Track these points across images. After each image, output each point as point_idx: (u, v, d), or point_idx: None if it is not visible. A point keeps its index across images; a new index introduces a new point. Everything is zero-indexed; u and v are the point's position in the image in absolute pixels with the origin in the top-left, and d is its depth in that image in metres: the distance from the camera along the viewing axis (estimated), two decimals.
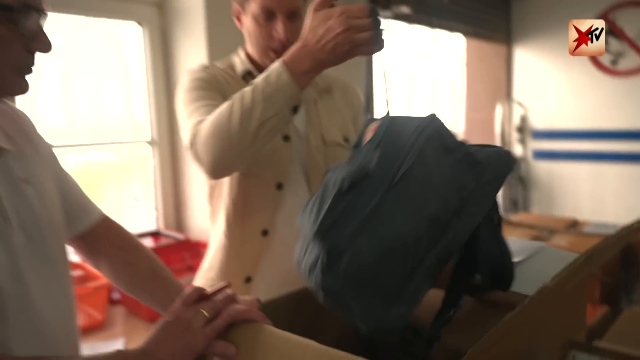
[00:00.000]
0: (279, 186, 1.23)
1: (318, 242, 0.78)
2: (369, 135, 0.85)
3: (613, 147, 4.20)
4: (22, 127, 0.89)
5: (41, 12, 0.76)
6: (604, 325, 1.19)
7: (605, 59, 4.13)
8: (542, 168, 4.60)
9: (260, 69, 1.21)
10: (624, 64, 4.07)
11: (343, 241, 0.76)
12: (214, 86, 1.19)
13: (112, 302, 2.14)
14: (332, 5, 0.98)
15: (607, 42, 4.11)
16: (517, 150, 4.69)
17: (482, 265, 0.88)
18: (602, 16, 4.08)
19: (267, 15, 1.17)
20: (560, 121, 4.43)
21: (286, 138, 1.23)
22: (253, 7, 1.18)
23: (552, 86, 4.44)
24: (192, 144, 1.08)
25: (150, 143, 2.48)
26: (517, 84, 4.66)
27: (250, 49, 1.26)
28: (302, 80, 1.01)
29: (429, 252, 0.75)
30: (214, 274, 1.31)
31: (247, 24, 1.22)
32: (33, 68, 0.78)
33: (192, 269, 2.14)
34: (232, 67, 1.27)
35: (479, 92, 4.64)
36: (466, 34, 4.16)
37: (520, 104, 4.62)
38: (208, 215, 1.42)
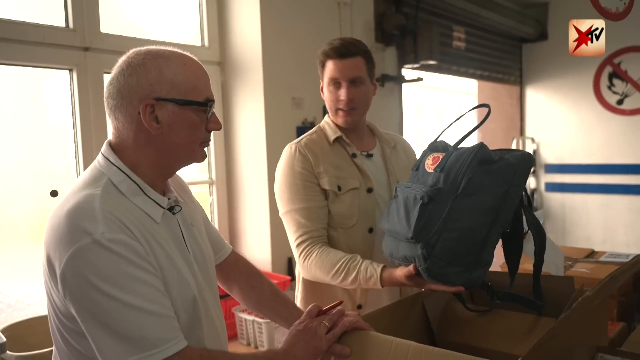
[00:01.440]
0: (370, 230, 1.56)
1: (414, 241, 1.19)
2: (430, 162, 1.27)
3: (621, 180, 4.48)
4: (182, 186, 1.20)
5: (214, 102, 1.04)
6: (621, 337, 1.46)
7: (612, 99, 4.45)
8: (555, 200, 4.87)
9: (345, 132, 1.58)
10: (629, 104, 4.38)
11: (433, 237, 1.17)
12: (306, 177, 1.52)
13: None
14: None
15: (612, 84, 4.44)
16: (531, 183, 4.98)
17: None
18: (608, 60, 4.42)
19: (335, 84, 1.51)
20: (570, 156, 4.73)
21: (369, 190, 1.55)
22: (325, 79, 1.53)
23: (562, 123, 4.76)
24: (302, 264, 1.52)
25: (210, 183, 2.80)
26: (529, 122, 4.98)
27: (330, 112, 1.59)
28: (384, 285, 1.40)
29: (491, 230, 1.17)
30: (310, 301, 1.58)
31: (325, 94, 1.56)
32: (210, 142, 1.08)
33: None
34: (324, 133, 1.59)
35: (494, 129, 4.95)
36: (481, 78, 4.50)
37: (532, 140, 4.93)
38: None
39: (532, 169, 1.23)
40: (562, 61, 4.66)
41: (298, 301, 1.66)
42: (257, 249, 2.73)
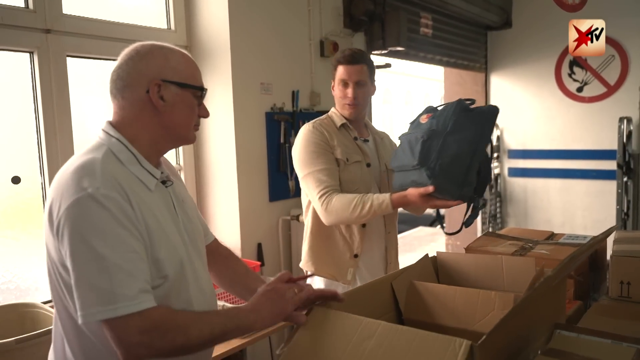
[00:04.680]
0: None
1: (419, 167, 1.66)
2: (424, 117, 1.74)
3: (580, 165, 4.64)
4: (169, 166, 1.29)
5: (206, 90, 1.21)
6: (578, 314, 1.53)
7: (572, 87, 4.59)
8: (517, 184, 5.02)
9: (349, 120, 2.01)
10: (588, 91, 4.53)
11: (432, 162, 1.64)
12: (323, 147, 1.92)
13: None
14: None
15: (573, 71, 4.58)
16: (495, 168, 5.10)
17: (484, 172, 1.74)
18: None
19: (344, 84, 1.96)
20: (532, 142, 4.86)
21: (368, 165, 2.00)
22: (337, 79, 1.98)
23: (525, 110, 4.88)
24: (325, 210, 1.86)
25: (178, 169, 2.77)
26: None
27: (337, 106, 2.02)
28: (395, 208, 1.82)
29: (473, 158, 1.65)
30: (317, 253, 2.01)
31: (335, 90, 2.00)
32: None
33: None
34: (331, 120, 2.01)
35: None
36: (448, 64, 4.55)
37: (496, 126, 5.04)
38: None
39: (497, 117, 1.75)
40: (526, 49, 4.76)
41: (304, 254, 2.02)
42: (226, 235, 2.73)
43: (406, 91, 19.61)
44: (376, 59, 3.55)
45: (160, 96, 1.11)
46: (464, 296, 1.34)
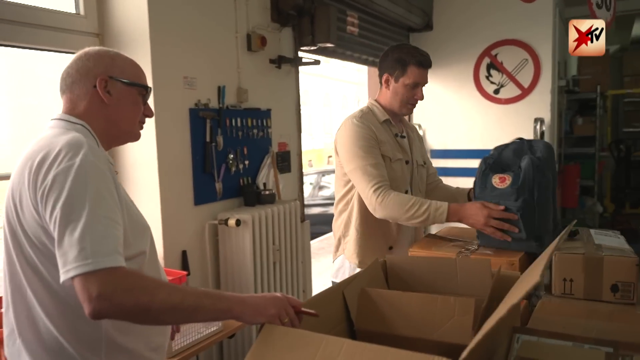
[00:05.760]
0: (406, 192, 2.09)
1: (526, 239, 1.76)
2: (498, 180, 1.81)
3: None
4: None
5: (151, 89, 1.34)
6: (526, 313, 1.51)
7: (490, 89, 4.75)
8: None
9: (392, 115, 2.10)
10: (504, 93, 4.71)
11: (537, 231, 1.76)
12: (372, 142, 1.99)
13: None
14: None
15: (490, 74, 4.74)
16: None
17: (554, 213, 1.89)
18: (486, 52, 4.70)
19: (415, 85, 2.05)
20: (453, 142, 4.98)
21: (407, 162, 2.11)
22: (408, 80, 2.04)
23: (446, 111, 4.99)
24: (380, 203, 1.91)
25: None
26: (416, 109, 5.14)
27: (391, 102, 2.09)
28: (448, 221, 1.90)
29: (553, 205, 1.81)
30: (363, 244, 2.10)
31: (397, 88, 2.06)
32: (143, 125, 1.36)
33: None
34: (373, 114, 2.08)
35: None
36: (373, 64, 4.54)
37: (419, 126, 5.12)
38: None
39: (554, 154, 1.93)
40: (446, 51, 4.87)
41: (350, 245, 2.10)
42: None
43: (324, 93, 19.96)
44: (304, 56, 3.45)
45: (107, 91, 1.23)
46: (421, 302, 1.25)
